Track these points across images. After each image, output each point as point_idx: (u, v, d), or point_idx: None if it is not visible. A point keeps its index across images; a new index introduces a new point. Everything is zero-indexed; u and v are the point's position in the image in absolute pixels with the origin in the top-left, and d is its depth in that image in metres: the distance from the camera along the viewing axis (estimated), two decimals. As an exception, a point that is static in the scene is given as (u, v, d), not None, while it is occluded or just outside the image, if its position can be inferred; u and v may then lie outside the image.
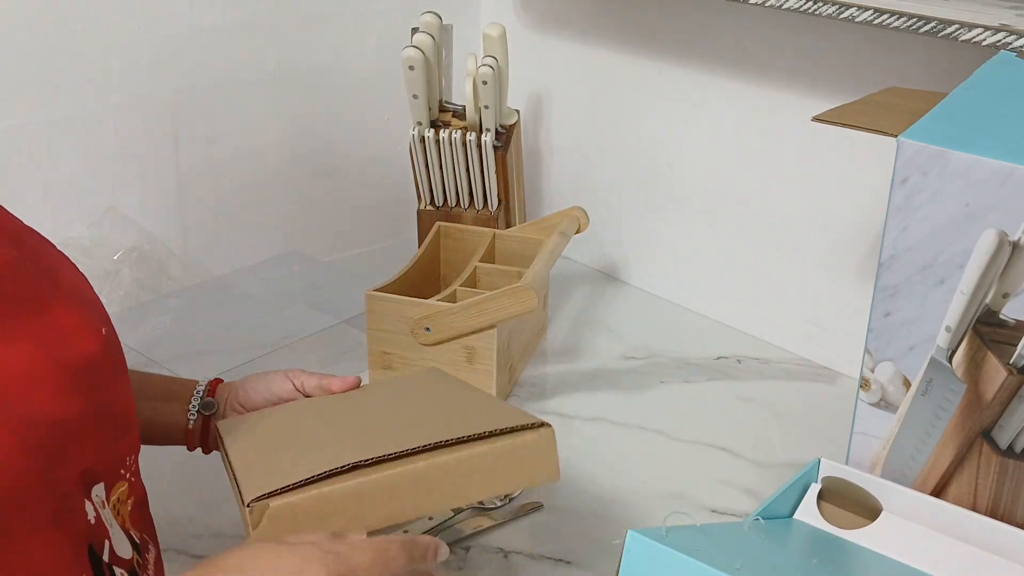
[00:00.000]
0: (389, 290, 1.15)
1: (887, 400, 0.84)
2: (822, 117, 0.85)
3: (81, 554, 0.62)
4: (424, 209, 1.41)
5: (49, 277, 0.66)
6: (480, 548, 0.93)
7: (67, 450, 0.61)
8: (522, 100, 1.51)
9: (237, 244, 1.42)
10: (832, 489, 0.84)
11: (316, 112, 1.44)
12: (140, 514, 0.73)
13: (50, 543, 0.59)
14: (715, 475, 1.05)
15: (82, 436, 0.62)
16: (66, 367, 0.61)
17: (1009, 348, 0.76)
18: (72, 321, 0.64)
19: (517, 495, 1.00)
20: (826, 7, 1.01)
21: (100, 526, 0.64)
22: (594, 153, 1.47)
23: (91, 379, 0.63)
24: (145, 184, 1.31)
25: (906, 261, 0.79)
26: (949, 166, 0.75)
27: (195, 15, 1.29)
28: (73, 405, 0.61)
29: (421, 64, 1.28)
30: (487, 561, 0.92)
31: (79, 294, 0.68)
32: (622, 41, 1.38)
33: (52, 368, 0.60)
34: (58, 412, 0.60)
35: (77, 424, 0.61)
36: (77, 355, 0.62)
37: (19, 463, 0.57)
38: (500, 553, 0.93)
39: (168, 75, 1.29)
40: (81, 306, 0.66)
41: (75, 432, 0.61)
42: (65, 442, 0.60)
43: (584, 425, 1.13)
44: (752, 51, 1.23)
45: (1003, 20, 0.90)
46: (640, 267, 1.46)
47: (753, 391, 1.20)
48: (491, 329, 1.10)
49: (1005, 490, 0.80)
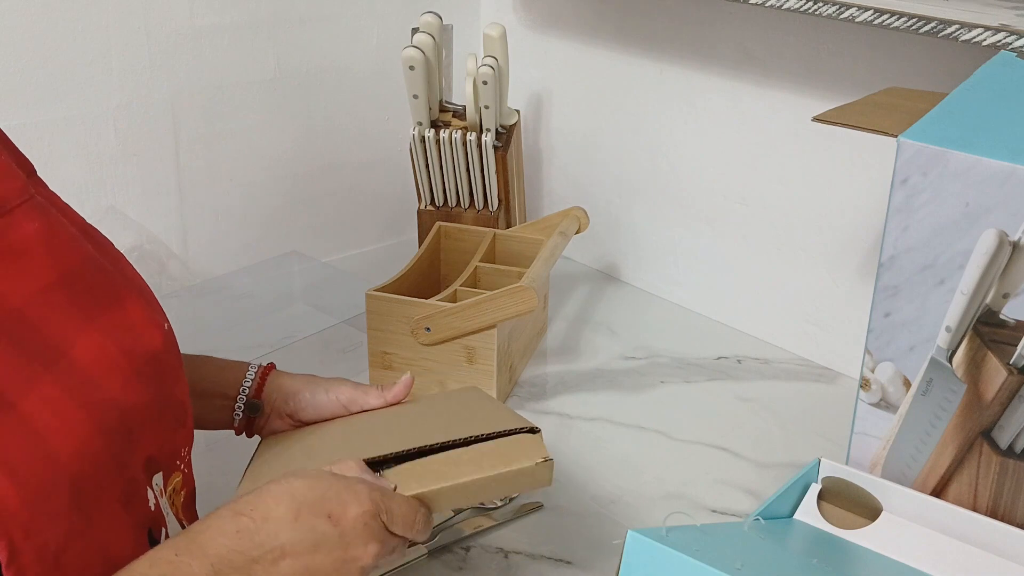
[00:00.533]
0: (389, 290, 1.15)
1: (887, 400, 0.84)
2: (822, 117, 0.85)
3: (142, 538, 0.65)
4: (424, 209, 1.41)
5: (119, 272, 0.69)
6: (480, 548, 0.93)
7: (134, 436, 0.64)
8: (522, 100, 1.51)
9: (237, 244, 1.42)
10: (832, 489, 0.84)
11: (316, 112, 1.44)
12: (190, 505, 0.76)
13: (120, 524, 0.62)
14: (715, 475, 1.05)
15: (147, 424, 0.66)
16: (134, 357, 0.65)
17: (1009, 348, 0.76)
18: (140, 315, 0.67)
19: (516, 495, 1.00)
20: (826, 7, 1.01)
21: (159, 513, 0.67)
22: (594, 153, 1.47)
23: (156, 370, 0.67)
24: (145, 184, 1.31)
25: (906, 261, 0.79)
26: (949, 166, 0.75)
27: (195, 15, 1.29)
28: (140, 394, 0.65)
29: (421, 64, 1.28)
30: (487, 561, 0.92)
31: (142, 290, 0.70)
32: (622, 41, 1.38)
33: (122, 358, 0.64)
34: (128, 399, 0.63)
35: (143, 412, 0.65)
36: (144, 347, 0.66)
37: (96, 444, 0.60)
38: (500, 553, 0.93)
39: (168, 75, 1.29)
40: (146, 301, 0.69)
41: (141, 420, 0.65)
42: (132, 428, 0.64)
43: (584, 425, 1.13)
44: (752, 51, 1.23)
45: (1003, 20, 0.90)
46: (640, 267, 1.46)
47: (753, 391, 1.20)
48: (491, 329, 1.10)
49: (1005, 490, 0.80)
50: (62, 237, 0.65)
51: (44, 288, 0.62)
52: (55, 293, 0.63)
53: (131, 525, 0.64)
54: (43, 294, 0.62)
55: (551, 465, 0.73)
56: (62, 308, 0.62)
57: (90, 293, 0.65)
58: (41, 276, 0.62)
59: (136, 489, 0.64)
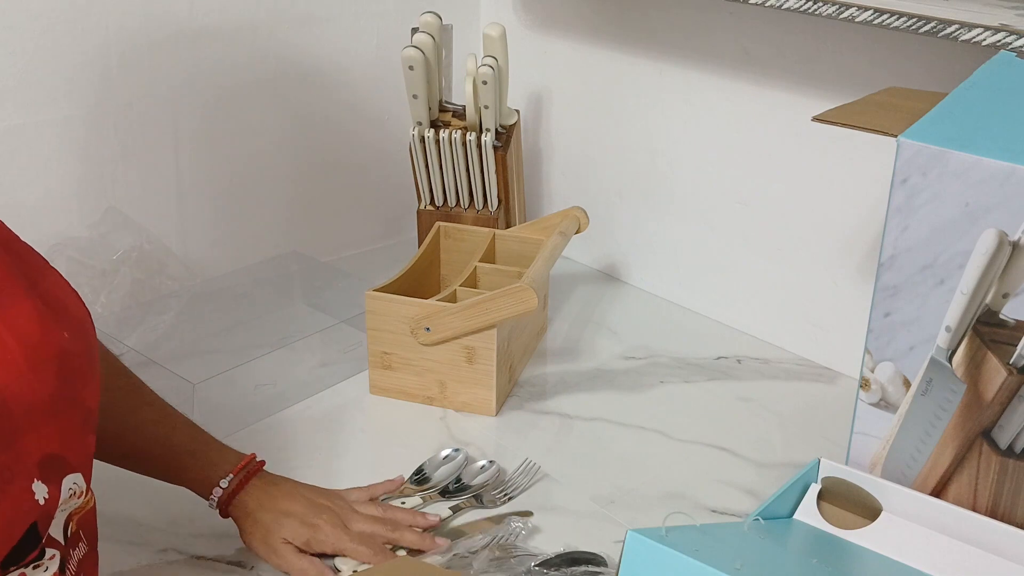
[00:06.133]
0: (389, 290, 1.15)
1: (887, 400, 0.84)
2: (822, 117, 0.85)
3: (16, 528, 0.65)
4: (424, 209, 1.41)
5: (30, 273, 0.70)
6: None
7: (18, 426, 0.64)
8: (522, 100, 1.51)
9: (237, 244, 1.42)
10: (832, 489, 0.84)
11: (316, 112, 1.44)
12: (90, 514, 0.76)
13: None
14: (715, 475, 1.05)
15: (42, 419, 0.66)
16: (34, 351, 0.65)
17: (1009, 348, 0.76)
18: (48, 315, 0.68)
19: (516, 495, 1.00)
20: (826, 7, 1.01)
21: (51, 510, 0.67)
22: (594, 153, 1.47)
23: (59, 369, 0.67)
24: (145, 184, 1.31)
25: (906, 261, 0.79)
26: (949, 166, 0.75)
27: (195, 15, 1.29)
28: (35, 388, 0.65)
29: (421, 64, 1.28)
30: (487, 561, 0.92)
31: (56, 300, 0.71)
32: (622, 41, 1.38)
33: (19, 349, 0.64)
34: (15, 389, 0.64)
35: (37, 406, 0.65)
36: (50, 344, 0.66)
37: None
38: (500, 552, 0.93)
39: (168, 75, 1.29)
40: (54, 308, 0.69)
41: (32, 412, 0.65)
42: (17, 417, 0.64)
43: (584, 425, 1.13)
44: (752, 51, 1.23)
45: (1003, 20, 0.90)
46: (640, 267, 1.46)
47: (753, 391, 1.20)
48: (491, 329, 1.10)
49: (1005, 490, 0.80)
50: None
51: None
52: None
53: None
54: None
55: None
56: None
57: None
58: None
59: (9, 480, 0.64)
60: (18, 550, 0.65)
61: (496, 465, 1.03)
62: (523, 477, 1.03)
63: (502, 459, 1.05)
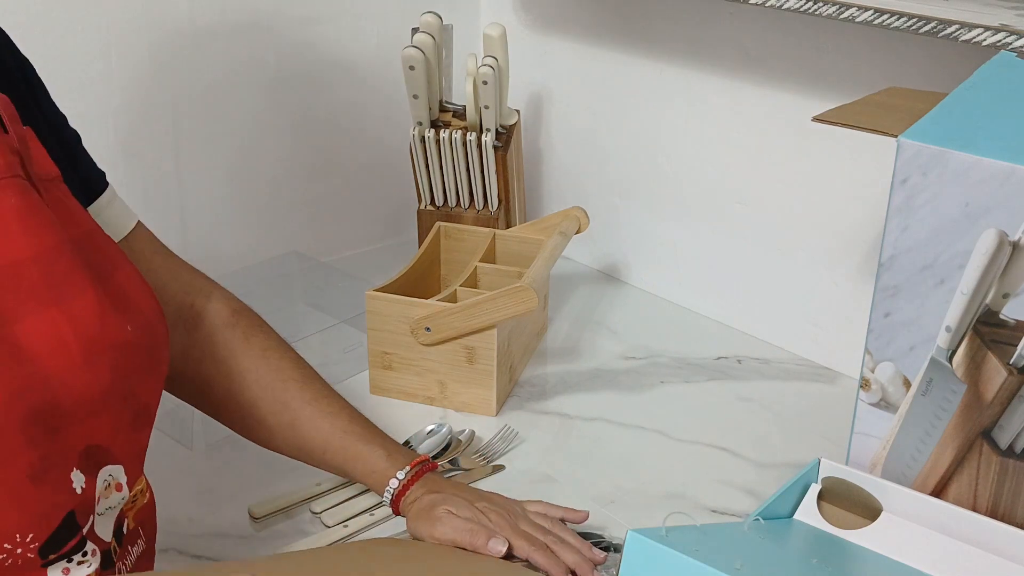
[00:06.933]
0: (389, 290, 1.15)
1: (887, 400, 0.84)
2: (822, 117, 0.85)
3: (54, 515, 0.65)
4: (424, 209, 1.41)
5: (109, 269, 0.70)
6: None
7: (64, 417, 0.64)
8: (522, 100, 1.51)
9: (237, 244, 1.42)
10: (832, 489, 0.84)
11: (316, 112, 1.44)
12: (148, 509, 0.77)
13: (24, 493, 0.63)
14: (715, 475, 1.05)
15: (91, 411, 0.66)
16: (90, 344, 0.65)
17: (1009, 348, 0.76)
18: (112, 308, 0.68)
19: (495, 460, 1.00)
20: (826, 7, 1.01)
21: (87, 500, 0.68)
22: (594, 153, 1.47)
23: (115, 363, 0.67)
24: (145, 184, 1.31)
25: (906, 261, 0.79)
26: (949, 166, 0.75)
27: (195, 15, 1.29)
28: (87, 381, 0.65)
29: (421, 64, 1.28)
30: (487, 561, 0.92)
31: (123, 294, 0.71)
32: (622, 41, 1.38)
33: (75, 342, 0.65)
34: (68, 381, 0.64)
35: (87, 398, 0.65)
36: (108, 338, 0.67)
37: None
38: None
39: (168, 75, 1.29)
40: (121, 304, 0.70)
41: (81, 404, 0.65)
42: (65, 408, 0.64)
43: (584, 425, 1.13)
44: (752, 51, 1.23)
45: (1003, 20, 0.90)
46: (640, 267, 1.46)
47: (753, 391, 1.20)
48: (491, 329, 1.10)
49: (1005, 490, 0.80)
50: (41, 219, 0.66)
51: (11, 263, 0.64)
52: (23, 268, 0.64)
53: (37, 499, 0.64)
54: (10, 268, 0.64)
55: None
56: (25, 285, 0.64)
57: (61, 277, 0.66)
58: (11, 251, 0.64)
59: (48, 467, 0.64)
60: (56, 538, 0.65)
61: (447, 427, 1.08)
62: (501, 443, 1.07)
63: (502, 459, 1.06)
